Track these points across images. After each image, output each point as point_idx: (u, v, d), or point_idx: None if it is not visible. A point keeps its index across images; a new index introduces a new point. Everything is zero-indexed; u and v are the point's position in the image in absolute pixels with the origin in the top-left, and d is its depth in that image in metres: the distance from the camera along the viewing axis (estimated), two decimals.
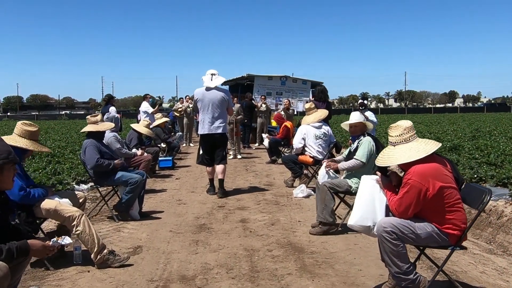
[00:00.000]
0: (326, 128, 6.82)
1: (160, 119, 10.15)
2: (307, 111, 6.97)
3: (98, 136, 5.27)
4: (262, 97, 14.16)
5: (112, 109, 9.50)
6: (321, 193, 4.57)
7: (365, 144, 4.66)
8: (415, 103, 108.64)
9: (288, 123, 10.07)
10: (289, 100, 13.20)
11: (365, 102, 10.18)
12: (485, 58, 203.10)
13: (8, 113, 68.89)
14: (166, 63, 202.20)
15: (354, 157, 4.65)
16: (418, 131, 15.70)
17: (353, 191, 4.56)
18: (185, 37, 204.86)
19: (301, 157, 6.76)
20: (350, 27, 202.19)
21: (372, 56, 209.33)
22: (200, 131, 6.54)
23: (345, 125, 4.96)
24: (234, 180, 8.01)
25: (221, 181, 6.52)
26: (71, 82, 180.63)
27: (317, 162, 6.70)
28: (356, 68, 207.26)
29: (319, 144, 6.67)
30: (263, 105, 13.96)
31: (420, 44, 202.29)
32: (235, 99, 16.04)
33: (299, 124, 13.68)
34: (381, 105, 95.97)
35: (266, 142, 10.25)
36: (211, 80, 6.33)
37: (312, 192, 6.50)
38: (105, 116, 6.81)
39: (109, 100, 9.65)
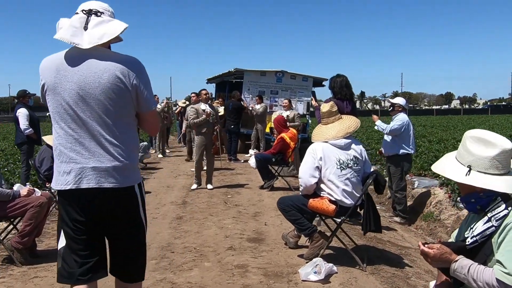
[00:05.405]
0: (358, 149, 3.79)
1: None
2: (325, 117, 3.89)
3: None
4: (257, 98, 11.26)
5: (22, 112, 6.39)
6: None
7: None
8: (411, 105, 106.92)
9: (286, 134, 7.07)
10: (289, 101, 10.21)
11: (401, 102, 5.57)
12: (480, 60, 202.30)
13: None
14: (161, 64, 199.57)
15: (497, 259, 1.66)
16: (443, 139, 12.54)
17: None
18: (183, 36, 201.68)
19: (313, 203, 3.67)
20: (346, 28, 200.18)
21: (368, 57, 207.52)
22: (56, 183, 1.99)
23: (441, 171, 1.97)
24: (200, 229, 4.95)
25: None
26: None
27: (343, 211, 3.69)
28: (352, 69, 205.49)
29: (347, 178, 3.65)
30: (258, 107, 11.02)
31: (416, 46, 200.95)
32: (220, 99, 13.15)
33: (302, 127, 10.82)
34: (377, 107, 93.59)
35: (252, 162, 7.19)
36: (85, 28, 1.90)
37: (335, 269, 3.52)
38: None
39: (20, 98, 6.51)
